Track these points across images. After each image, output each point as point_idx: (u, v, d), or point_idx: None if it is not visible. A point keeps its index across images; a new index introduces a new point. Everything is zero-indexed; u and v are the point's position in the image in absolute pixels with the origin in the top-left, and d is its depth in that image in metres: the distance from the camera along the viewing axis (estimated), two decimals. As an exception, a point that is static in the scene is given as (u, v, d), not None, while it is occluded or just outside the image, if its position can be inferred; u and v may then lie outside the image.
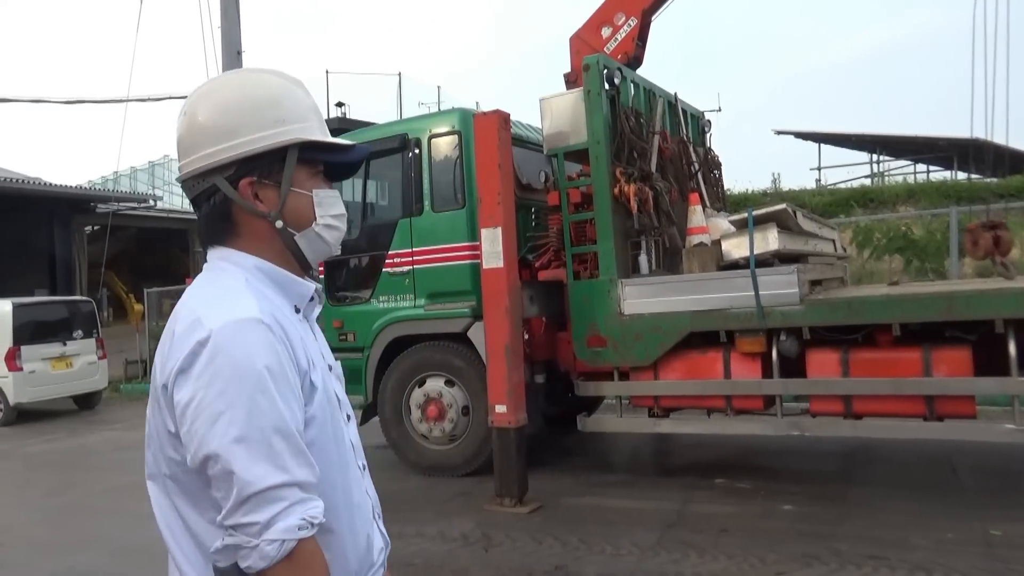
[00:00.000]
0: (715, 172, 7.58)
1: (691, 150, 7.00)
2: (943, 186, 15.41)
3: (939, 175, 22.20)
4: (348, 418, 1.41)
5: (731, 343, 5.42)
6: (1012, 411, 4.73)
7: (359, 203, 7.12)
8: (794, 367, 5.26)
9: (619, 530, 4.80)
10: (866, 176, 23.53)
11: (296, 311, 1.33)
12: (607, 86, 5.84)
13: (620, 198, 5.71)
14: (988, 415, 5.30)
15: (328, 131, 1.38)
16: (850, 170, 24.49)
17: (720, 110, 7.83)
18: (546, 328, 6.28)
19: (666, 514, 5.08)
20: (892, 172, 24.27)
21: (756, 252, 5.26)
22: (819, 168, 24.42)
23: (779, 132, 24.64)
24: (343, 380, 1.48)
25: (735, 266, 5.48)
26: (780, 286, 5.18)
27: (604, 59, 6.00)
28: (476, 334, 6.05)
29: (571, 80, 6.61)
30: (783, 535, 4.55)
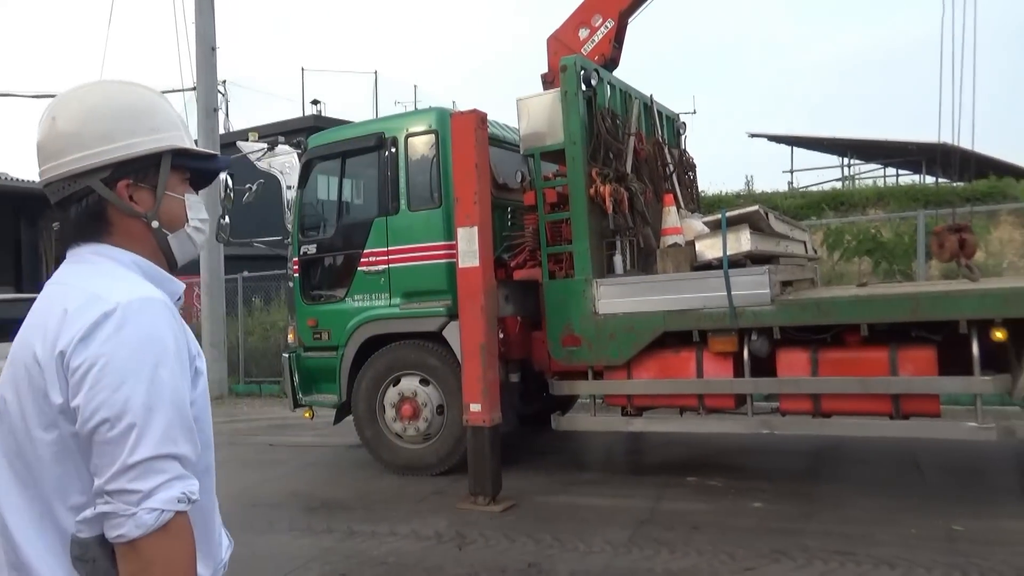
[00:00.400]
0: (689, 173, 7.66)
1: (666, 151, 7.06)
2: (912, 190, 15.69)
3: (908, 179, 22.61)
4: None
5: (704, 343, 5.48)
6: (975, 410, 4.85)
7: (335, 202, 7.11)
8: (765, 366, 5.34)
9: (592, 528, 4.83)
10: (837, 179, 23.88)
11: None
12: (584, 87, 5.87)
13: (596, 198, 5.75)
14: (952, 414, 5.42)
15: (193, 142, 1.47)
16: (822, 173, 24.85)
17: (695, 112, 7.94)
18: (521, 327, 6.30)
19: (638, 512, 5.13)
20: (862, 175, 24.65)
21: (729, 253, 5.33)
22: (791, 171, 24.74)
23: (753, 135, 24.94)
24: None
25: (708, 267, 5.55)
26: (752, 287, 5.25)
27: (581, 60, 6.04)
28: (451, 333, 6.05)
29: (548, 81, 6.64)
30: (753, 532, 4.62)
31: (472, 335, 5.50)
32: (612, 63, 6.79)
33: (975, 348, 4.73)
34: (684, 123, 7.84)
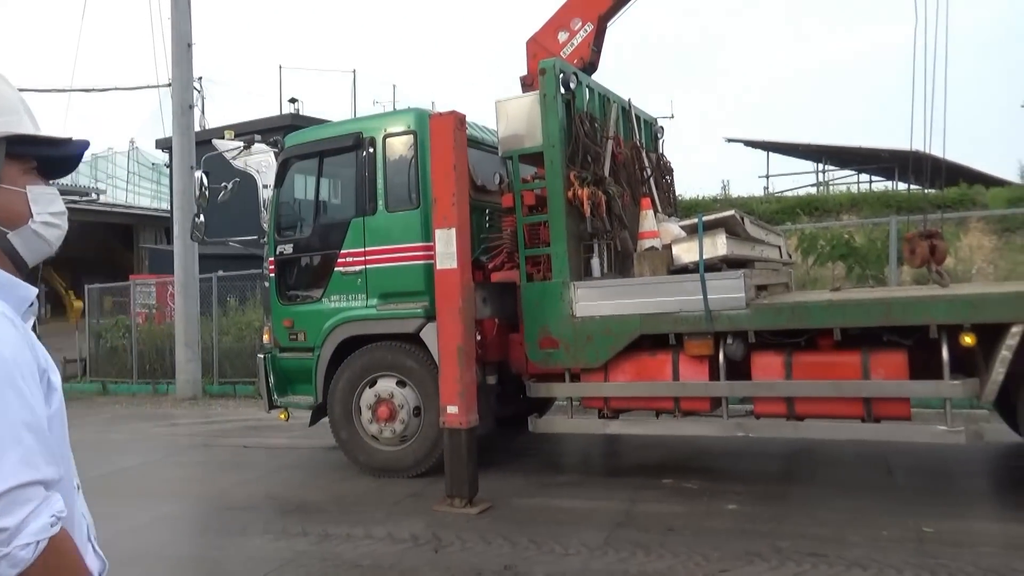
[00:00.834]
0: (667, 178, 7.71)
1: (644, 155, 7.10)
2: (885, 196, 15.96)
3: (881, 185, 23.00)
4: None
5: (680, 346, 5.52)
6: (944, 413, 4.93)
7: (311, 201, 7.06)
8: (740, 370, 5.39)
9: (568, 530, 4.84)
10: (812, 185, 24.26)
11: None
12: (563, 90, 5.89)
13: (574, 201, 5.77)
14: (922, 417, 5.50)
15: (39, 125, 1.31)
16: (797, 179, 25.21)
17: (673, 117, 8.00)
18: (498, 329, 6.30)
19: (614, 514, 5.15)
20: (837, 181, 25.03)
21: (705, 257, 5.37)
22: (767, 176, 25.08)
23: (730, 140, 25.26)
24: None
25: (685, 270, 5.58)
26: (727, 290, 5.30)
27: (560, 63, 6.05)
28: (429, 335, 6.03)
29: (527, 83, 6.65)
30: (727, 534, 4.65)
31: (449, 337, 5.48)
32: (591, 67, 6.81)
33: (945, 353, 4.80)
34: (662, 127, 7.90)
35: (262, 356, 7.17)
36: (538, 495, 5.79)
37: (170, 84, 12.97)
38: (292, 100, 21.40)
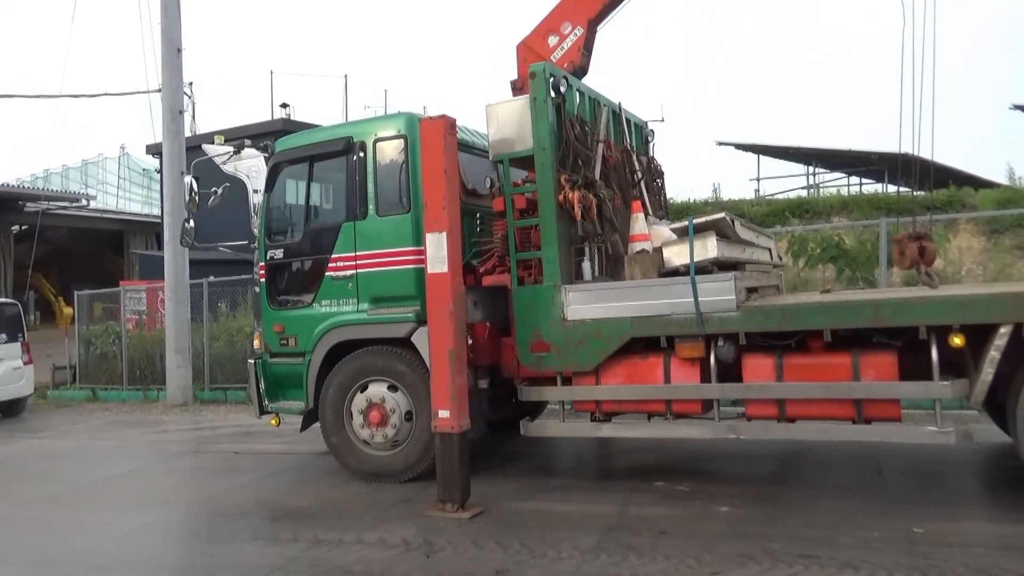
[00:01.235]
0: (657, 181, 7.73)
1: (634, 159, 7.12)
2: (874, 198, 16.03)
3: (871, 188, 23.12)
4: None
5: (671, 349, 5.52)
6: (934, 414, 4.95)
7: (302, 206, 7.04)
8: (731, 372, 5.39)
9: (560, 534, 4.84)
10: (802, 187, 24.34)
11: None
12: (553, 94, 5.90)
13: (564, 205, 5.77)
14: (912, 418, 5.52)
15: None
16: (787, 181, 25.31)
17: (663, 120, 8.02)
18: (490, 333, 6.29)
19: (607, 517, 5.14)
20: (827, 184, 25.15)
21: (696, 260, 5.39)
22: (758, 179, 25.14)
23: (720, 143, 25.32)
24: None
25: (676, 273, 5.60)
26: (718, 293, 5.31)
27: (550, 67, 6.06)
28: (420, 339, 6.02)
29: (517, 87, 6.65)
30: (719, 536, 4.65)
31: (441, 341, 5.48)
32: (581, 71, 6.83)
33: (934, 354, 4.83)
34: (652, 130, 7.92)
35: (253, 361, 7.13)
36: (530, 499, 5.78)
37: (160, 89, 12.93)
38: (283, 105, 21.34)
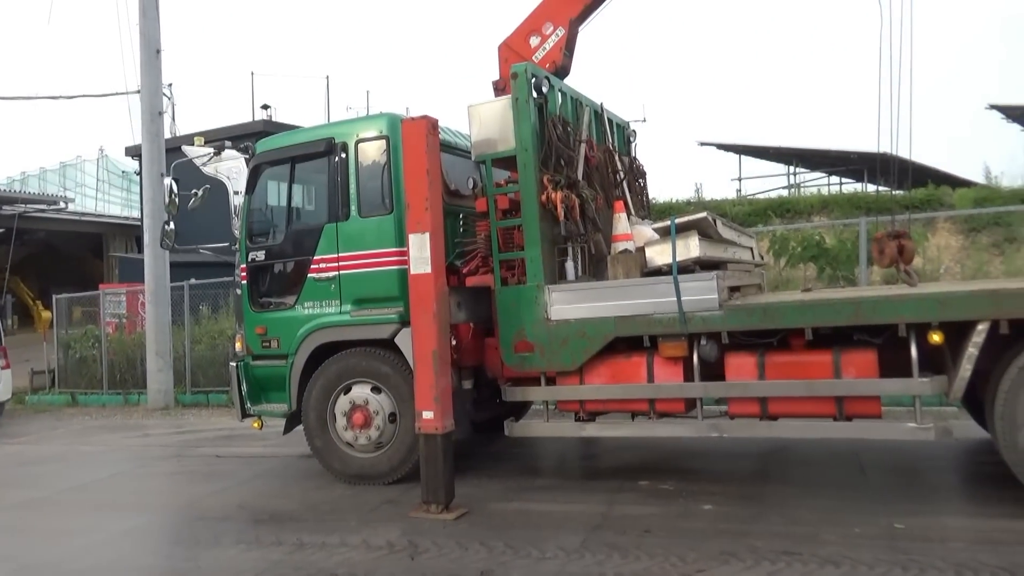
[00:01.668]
0: (640, 181, 7.75)
1: (617, 159, 7.13)
2: (854, 197, 16.17)
3: (851, 187, 23.35)
4: None
5: (654, 348, 5.54)
6: (914, 411, 5.00)
7: (283, 208, 7.00)
8: (714, 371, 5.42)
9: (545, 534, 4.84)
10: (783, 187, 24.51)
11: None
12: (535, 94, 5.91)
13: (547, 205, 5.77)
14: (893, 415, 5.57)
15: None
16: (768, 181, 25.49)
17: (645, 120, 8.06)
18: (474, 334, 6.28)
19: (591, 517, 5.15)
20: (807, 184, 25.32)
21: (678, 259, 5.41)
22: (739, 179, 25.31)
23: (702, 143, 25.44)
24: None
25: (658, 272, 5.62)
26: (701, 292, 5.33)
27: (532, 67, 6.07)
28: (403, 340, 6.00)
29: (499, 88, 6.65)
30: (703, 534, 4.68)
31: (424, 342, 5.46)
32: (563, 71, 6.83)
33: (914, 351, 4.88)
34: (634, 131, 7.94)
35: (235, 364, 7.07)
36: (515, 499, 5.78)
37: (139, 91, 12.81)
38: (264, 106, 21.22)
